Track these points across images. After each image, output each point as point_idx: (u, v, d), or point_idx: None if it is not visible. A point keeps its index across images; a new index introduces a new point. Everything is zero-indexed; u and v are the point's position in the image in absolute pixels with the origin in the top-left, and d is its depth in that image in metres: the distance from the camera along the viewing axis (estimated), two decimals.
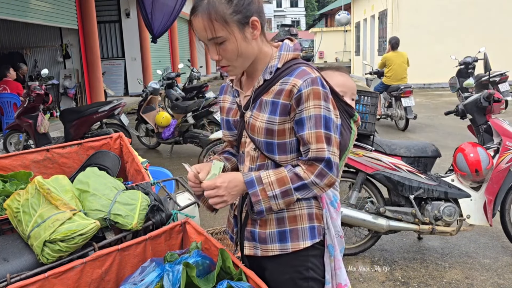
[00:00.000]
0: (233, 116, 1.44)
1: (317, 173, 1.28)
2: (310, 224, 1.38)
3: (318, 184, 1.29)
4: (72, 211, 1.60)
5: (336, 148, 1.30)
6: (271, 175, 1.30)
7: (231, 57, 1.30)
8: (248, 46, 1.30)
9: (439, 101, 11.14)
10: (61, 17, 9.63)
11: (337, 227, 1.44)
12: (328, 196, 1.44)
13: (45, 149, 2.40)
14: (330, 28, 33.09)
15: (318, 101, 1.27)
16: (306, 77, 1.27)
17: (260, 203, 1.29)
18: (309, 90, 1.26)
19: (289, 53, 1.35)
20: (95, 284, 1.53)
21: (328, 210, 1.41)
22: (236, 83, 1.44)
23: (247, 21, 1.27)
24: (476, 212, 3.14)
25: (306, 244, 1.37)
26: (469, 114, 3.39)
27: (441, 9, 14.77)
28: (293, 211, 1.36)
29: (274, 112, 1.31)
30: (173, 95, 9.05)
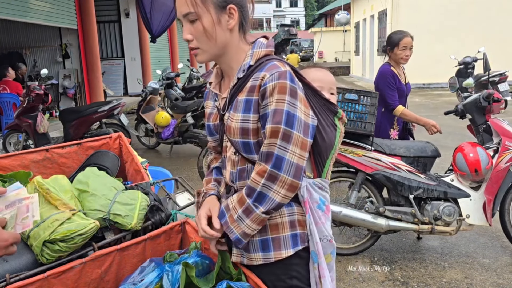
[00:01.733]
0: (213, 121, 1.43)
1: (267, 176, 1.20)
2: (292, 232, 1.33)
3: (271, 188, 1.20)
4: (71, 211, 1.60)
5: (299, 148, 1.22)
6: (234, 199, 1.28)
7: (201, 38, 1.27)
8: (220, 32, 1.27)
9: (438, 101, 11.15)
10: (60, 17, 9.62)
11: (325, 232, 1.35)
12: (314, 199, 1.34)
13: (44, 149, 2.40)
14: (329, 28, 33.11)
15: (283, 95, 1.21)
16: (274, 70, 1.24)
17: (232, 230, 1.26)
18: (274, 84, 1.22)
19: (261, 50, 1.32)
20: (95, 284, 1.53)
21: (312, 215, 1.33)
22: (215, 86, 1.42)
23: (224, 6, 1.26)
24: (475, 212, 3.14)
25: (288, 252, 1.32)
26: (468, 114, 3.39)
27: (441, 9, 14.78)
28: (275, 219, 1.32)
29: (248, 110, 1.27)
30: (172, 95, 9.04)
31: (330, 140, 1.37)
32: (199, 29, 1.26)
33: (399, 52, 3.46)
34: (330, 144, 1.37)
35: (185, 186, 2.16)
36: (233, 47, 1.32)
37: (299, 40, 36.87)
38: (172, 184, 3.13)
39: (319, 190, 1.37)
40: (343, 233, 3.56)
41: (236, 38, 1.32)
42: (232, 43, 1.32)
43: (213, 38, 1.27)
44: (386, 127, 3.55)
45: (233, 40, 1.32)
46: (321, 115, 1.35)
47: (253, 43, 1.37)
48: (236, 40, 1.32)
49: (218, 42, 1.28)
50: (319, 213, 1.35)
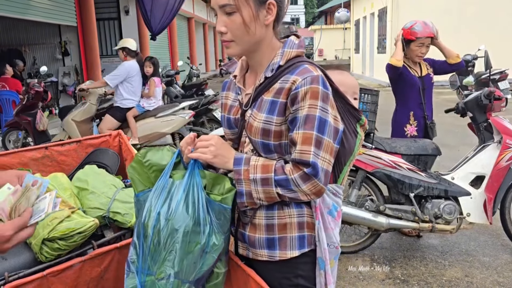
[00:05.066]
0: (234, 114, 1.40)
1: (301, 174, 1.19)
2: (300, 234, 1.32)
3: (299, 186, 1.20)
4: (70, 209, 1.60)
5: (329, 154, 1.21)
6: (259, 160, 1.26)
7: (237, 32, 1.24)
8: (257, 27, 1.24)
9: (438, 99, 11.12)
10: (60, 14, 9.59)
11: (333, 238, 1.34)
12: (326, 204, 1.33)
13: (43, 147, 2.39)
14: (329, 26, 33.07)
15: (315, 100, 1.19)
16: (307, 75, 1.22)
17: (241, 182, 1.24)
18: (306, 89, 1.20)
19: (292, 50, 1.30)
20: (94, 282, 1.52)
21: (322, 220, 1.32)
22: (239, 80, 1.39)
23: (265, 1, 1.23)
24: (476, 210, 3.14)
25: (293, 253, 1.32)
26: (469, 112, 3.38)
27: (441, 7, 14.75)
28: (283, 219, 1.31)
29: (273, 111, 1.25)
30: (172, 93, 9.03)
31: (350, 146, 1.35)
32: (236, 22, 1.22)
33: (415, 48, 3.42)
34: (349, 150, 1.35)
35: None
36: (266, 44, 1.30)
37: None
38: None
39: (333, 196, 1.35)
40: (343, 231, 3.55)
41: (270, 35, 1.30)
42: (266, 39, 1.29)
43: (249, 33, 1.24)
44: (401, 123, 3.52)
45: (268, 36, 1.29)
46: (345, 121, 1.33)
47: (283, 40, 1.34)
48: (270, 37, 1.30)
49: (254, 37, 1.26)
50: (329, 219, 1.34)
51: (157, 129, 5.78)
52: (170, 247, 1.20)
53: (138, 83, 5.85)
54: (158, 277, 1.20)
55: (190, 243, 1.21)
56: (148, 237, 1.22)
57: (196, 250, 1.21)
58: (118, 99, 5.80)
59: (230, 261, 1.46)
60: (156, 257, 1.21)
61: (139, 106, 5.88)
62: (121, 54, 5.84)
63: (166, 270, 1.19)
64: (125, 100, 5.79)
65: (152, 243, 1.21)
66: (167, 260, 1.20)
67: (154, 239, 1.21)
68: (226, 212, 1.27)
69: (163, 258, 1.20)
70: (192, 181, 1.25)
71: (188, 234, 1.20)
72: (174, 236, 1.20)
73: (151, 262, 1.22)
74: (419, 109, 3.49)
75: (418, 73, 3.49)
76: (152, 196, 1.26)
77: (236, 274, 1.44)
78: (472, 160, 3.24)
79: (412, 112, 3.48)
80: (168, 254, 1.20)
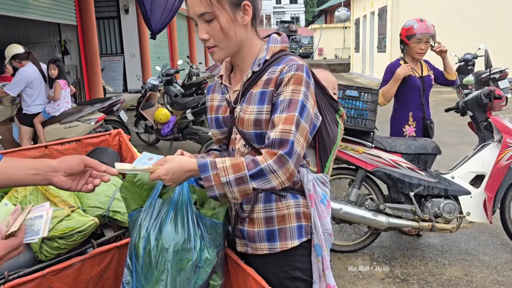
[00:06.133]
0: (222, 113, 1.43)
1: (276, 159, 1.19)
2: (298, 223, 1.36)
3: (275, 172, 1.19)
4: (70, 208, 1.59)
5: (303, 138, 1.24)
6: (226, 161, 1.23)
7: (219, 37, 1.28)
8: (236, 29, 1.28)
9: (438, 98, 11.12)
10: (59, 13, 9.58)
11: (326, 225, 1.39)
12: (318, 193, 1.38)
13: (43, 146, 2.39)
14: (329, 25, 33.01)
15: (299, 86, 1.24)
16: (292, 63, 1.28)
17: (213, 188, 1.21)
18: (291, 75, 1.25)
19: (276, 45, 1.35)
20: (94, 281, 1.52)
21: (316, 209, 1.37)
22: (226, 79, 1.43)
23: (239, 2, 1.27)
24: (476, 209, 3.14)
25: (294, 243, 1.35)
26: (469, 111, 3.37)
27: (441, 6, 14.74)
28: (282, 211, 1.35)
29: (263, 101, 1.29)
30: (172, 92, 9.02)
31: (333, 136, 1.44)
32: (216, 28, 1.26)
33: (413, 45, 3.39)
34: (333, 140, 1.44)
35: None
36: (247, 43, 1.35)
37: (299, 37, 36.78)
38: None
39: (322, 185, 1.41)
40: (343, 230, 3.55)
41: (250, 33, 1.34)
42: (247, 39, 1.34)
43: (230, 36, 1.28)
44: (399, 124, 3.51)
45: (248, 35, 1.34)
46: (327, 112, 1.43)
47: (266, 38, 1.41)
48: (251, 35, 1.35)
49: (235, 39, 1.30)
50: (322, 207, 1.38)
51: (61, 135, 5.54)
52: (161, 266, 1.22)
53: (39, 86, 5.61)
54: None
55: (181, 260, 1.23)
56: (139, 258, 1.24)
57: (188, 267, 1.23)
58: (24, 105, 5.62)
59: (230, 260, 1.46)
60: (149, 277, 1.23)
61: (45, 112, 5.74)
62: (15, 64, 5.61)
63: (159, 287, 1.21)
64: (30, 107, 5.58)
65: (144, 264, 1.23)
66: (160, 280, 1.21)
67: (146, 260, 1.23)
68: (218, 227, 1.30)
69: (156, 278, 1.22)
70: (181, 198, 1.27)
71: (179, 252, 1.22)
72: (164, 255, 1.22)
73: (144, 282, 1.24)
74: (419, 110, 3.48)
75: (419, 73, 3.48)
76: (142, 216, 1.28)
77: (236, 273, 1.44)
78: (472, 159, 3.24)
79: (412, 113, 3.47)
80: (161, 274, 1.21)
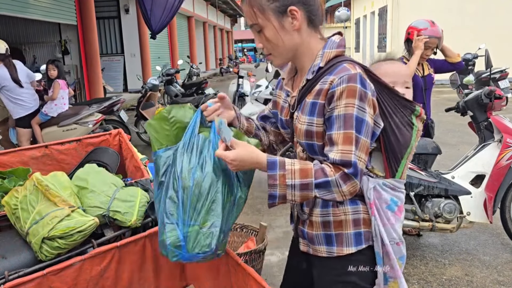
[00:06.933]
0: (285, 116, 1.41)
1: (340, 175, 1.17)
2: (356, 230, 1.33)
3: (340, 186, 1.17)
4: (70, 208, 1.59)
5: (364, 153, 1.20)
6: (295, 163, 1.20)
7: (270, 46, 1.29)
8: (286, 36, 1.27)
9: (439, 98, 11.12)
10: (60, 13, 9.58)
11: (393, 234, 1.32)
12: (384, 200, 1.32)
13: (43, 146, 2.40)
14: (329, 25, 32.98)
15: (352, 99, 1.18)
16: (344, 73, 1.21)
17: (276, 187, 1.19)
18: (343, 88, 1.19)
19: (332, 50, 1.29)
20: (94, 281, 1.52)
21: (380, 216, 1.31)
22: (287, 83, 1.41)
23: (284, 9, 1.24)
24: (476, 209, 3.13)
25: (350, 250, 1.33)
26: (469, 111, 3.37)
27: (441, 6, 14.74)
28: (339, 216, 1.32)
29: (313, 113, 1.25)
30: (172, 92, 9.03)
31: (405, 140, 1.33)
32: (265, 38, 1.28)
33: None
34: (405, 144, 1.33)
35: None
36: (304, 47, 1.31)
37: None
38: None
39: (391, 191, 1.34)
40: None
41: (305, 36, 1.30)
42: (303, 44, 1.30)
43: (279, 45, 1.28)
44: None
45: (303, 38, 1.30)
46: (396, 115, 1.32)
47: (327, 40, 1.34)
48: (306, 38, 1.30)
49: (286, 46, 1.28)
50: (388, 214, 1.33)
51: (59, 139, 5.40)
52: (213, 196, 1.24)
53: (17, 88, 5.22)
54: (203, 226, 1.24)
55: (227, 193, 1.27)
56: (187, 189, 1.25)
57: (230, 203, 1.29)
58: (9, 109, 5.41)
59: (230, 260, 1.46)
60: (198, 207, 1.24)
61: (42, 114, 5.70)
62: None
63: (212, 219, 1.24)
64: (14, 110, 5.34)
65: (193, 194, 1.24)
66: (211, 209, 1.24)
67: (195, 190, 1.24)
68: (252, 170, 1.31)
69: (207, 208, 1.24)
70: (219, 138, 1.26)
71: (227, 185, 1.27)
72: (215, 186, 1.25)
73: (192, 213, 1.24)
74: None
75: (421, 72, 3.47)
76: (183, 151, 1.30)
77: (236, 273, 1.44)
78: (472, 159, 3.23)
79: None
80: (211, 204, 1.24)
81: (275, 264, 3.23)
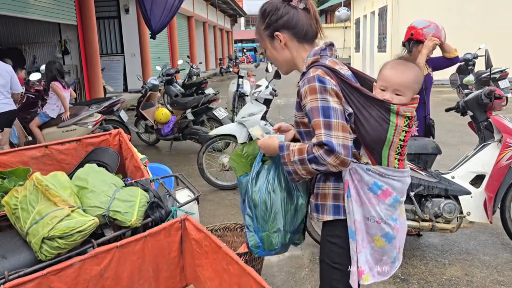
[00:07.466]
0: None
1: (323, 150, 1.47)
2: (335, 203, 1.62)
3: (325, 160, 1.46)
4: (70, 208, 1.59)
5: (341, 131, 1.47)
6: (296, 145, 1.58)
7: (273, 60, 1.73)
8: (279, 54, 1.69)
9: (439, 98, 11.11)
10: (60, 13, 9.59)
11: (372, 213, 1.55)
12: (365, 182, 1.55)
13: (43, 146, 2.40)
14: (329, 25, 33.05)
15: (314, 95, 1.51)
16: (306, 77, 1.55)
17: (287, 164, 1.57)
18: (306, 88, 1.53)
19: (310, 58, 1.61)
20: (94, 281, 1.52)
21: (358, 195, 1.55)
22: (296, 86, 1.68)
23: (272, 34, 1.66)
24: (476, 209, 3.13)
25: (328, 218, 1.64)
26: (469, 110, 3.37)
27: (441, 6, 14.73)
28: (324, 190, 1.64)
29: (296, 109, 1.64)
30: (172, 91, 9.03)
31: (377, 133, 1.52)
32: (268, 55, 1.73)
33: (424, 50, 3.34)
34: (378, 136, 1.53)
35: (185, 182, 2.15)
36: (298, 58, 1.67)
37: None
38: (172, 181, 3.12)
39: (378, 176, 1.56)
40: None
41: (296, 51, 1.66)
42: (294, 56, 1.67)
43: (277, 59, 1.72)
44: None
45: (294, 52, 1.67)
46: (367, 109, 1.53)
47: None
48: (298, 52, 1.66)
49: (281, 60, 1.71)
50: (369, 195, 1.56)
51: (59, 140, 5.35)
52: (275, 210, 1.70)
53: None
54: (272, 231, 1.72)
55: (287, 205, 1.71)
56: (257, 207, 1.71)
57: (292, 209, 1.72)
58: None
59: (230, 260, 1.46)
60: (266, 218, 1.71)
61: (42, 115, 5.69)
62: None
63: (277, 225, 1.71)
64: None
65: (262, 210, 1.71)
66: (276, 219, 1.70)
67: (263, 207, 1.70)
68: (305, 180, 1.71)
69: (272, 219, 1.71)
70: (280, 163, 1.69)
71: (285, 200, 1.71)
72: (276, 203, 1.70)
73: (263, 223, 1.72)
74: (421, 109, 3.47)
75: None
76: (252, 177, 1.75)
77: (236, 273, 1.44)
78: (472, 159, 3.23)
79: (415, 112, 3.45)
80: (275, 215, 1.70)
81: (275, 264, 3.23)
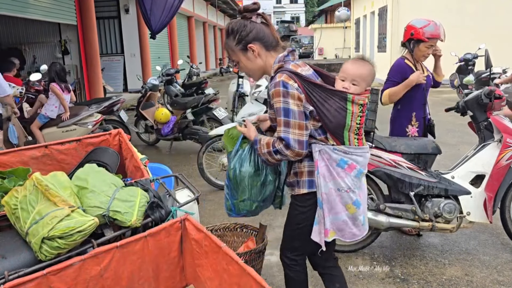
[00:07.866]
0: None
1: (283, 145, 1.84)
2: (309, 179, 1.96)
3: (284, 152, 1.84)
4: (70, 208, 1.59)
5: (297, 129, 1.83)
6: (265, 139, 1.95)
7: (246, 70, 2.02)
8: (252, 64, 1.97)
9: (438, 98, 11.11)
10: (60, 13, 9.58)
11: (342, 184, 1.90)
12: (334, 159, 1.89)
13: (43, 146, 2.40)
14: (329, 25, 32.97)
15: (279, 97, 1.84)
16: (273, 82, 1.87)
17: (261, 156, 1.96)
18: (273, 91, 1.85)
19: (276, 64, 1.93)
20: (94, 281, 1.52)
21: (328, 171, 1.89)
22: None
23: (245, 47, 1.93)
24: (476, 209, 3.13)
25: (304, 191, 1.97)
26: (469, 110, 3.37)
27: (441, 6, 14.73)
28: (300, 169, 1.98)
29: (268, 107, 1.98)
30: (172, 91, 9.03)
31: (337, 120, 1.87)
32: (241, 67, 2.02)
33: (424, 48, 3.35)
34: (339, 123, 1.88)
35: (185, 182, 2.15)
36: (267, 64, 1.97)
37: (299, 37, 36.76)
38: (172, 181, 3.12)
39: (343, 154, 1.90)
40: None
41: (265, 58, 1.96)
42: (264, 63, 1.97)
43: (251, 68, 2.00)
44: (402, 124, 3.48)
45: (264, 61, 1.96)
46: (328, 102, 1.86)
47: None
48: (267, 59, 1.96)
49: (255, 68, 2.00)
50: (338, 170, 1.90)
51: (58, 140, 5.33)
52: (243, 185, 2.06)
53: None
54: (239, 200, 2.11)
55: (253, 181, 2.06)
56: (231, 180, 2.09)
57: (259, 185, 2.07)
58: None
59: (230, 260, 1.46)
60: (236, 189, 2.09)
61: (42, 116, 5.68)
62: None
63: (244, 196, 2.08)
64: None
65: (233, 184, 2.09)
66: (242, 192, 2.08)
67: (234, 181, 2.08)
68: None
69: (241, 191, 2.08)
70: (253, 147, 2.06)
71: (251, 177, 2.05)
72: (243, 179, 2.05)
73: (234, 193, 2.11)
74: (421, 110, 3.47)
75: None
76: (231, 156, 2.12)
77: (236, 273, 1.44)
78: (472, 159, 3.23)
79: (415, 113, 3.44)
80: (243, 189, 2.07)
81: (275, 264, 3.23)
